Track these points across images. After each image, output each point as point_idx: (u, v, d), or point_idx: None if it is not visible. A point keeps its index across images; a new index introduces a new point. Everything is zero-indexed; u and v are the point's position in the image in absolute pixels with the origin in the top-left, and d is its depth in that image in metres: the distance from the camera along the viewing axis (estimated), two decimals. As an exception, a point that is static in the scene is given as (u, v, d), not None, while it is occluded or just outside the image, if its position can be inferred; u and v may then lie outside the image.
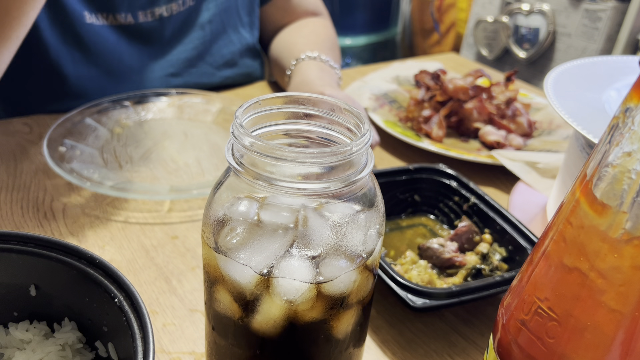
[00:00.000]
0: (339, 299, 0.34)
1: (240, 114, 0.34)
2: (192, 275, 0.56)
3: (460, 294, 0.48)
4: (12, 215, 0.63)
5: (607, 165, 0.25)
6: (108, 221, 0.63)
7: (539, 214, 0.67)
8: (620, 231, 0.24)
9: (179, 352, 0.48)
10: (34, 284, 0.40)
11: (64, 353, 0.39)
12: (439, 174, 0.64)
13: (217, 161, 0.76)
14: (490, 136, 0.82)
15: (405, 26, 2.35)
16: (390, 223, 0.63)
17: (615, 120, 0.25)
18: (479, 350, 0.50)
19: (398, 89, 0.97)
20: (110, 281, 0.37)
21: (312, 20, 1.03)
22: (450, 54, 1.27)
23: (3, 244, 0.38)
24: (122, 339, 0.35)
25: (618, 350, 0.25)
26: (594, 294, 0.25)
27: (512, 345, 0.29)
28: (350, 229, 0.34)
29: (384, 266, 0.50)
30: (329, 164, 0.32)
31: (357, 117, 0.35)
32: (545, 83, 0.64)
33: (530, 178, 0.73)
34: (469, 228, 0.59)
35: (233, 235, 0.34)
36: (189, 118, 0.86)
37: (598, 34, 1.64)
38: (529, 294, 0.28)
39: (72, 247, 0.38)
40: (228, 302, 0.35)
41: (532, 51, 1.83)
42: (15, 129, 0.80)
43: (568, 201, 0.27)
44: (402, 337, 0.51)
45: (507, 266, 0.56)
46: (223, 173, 0.36)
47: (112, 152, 0.76)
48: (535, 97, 0.96)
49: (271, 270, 0.33)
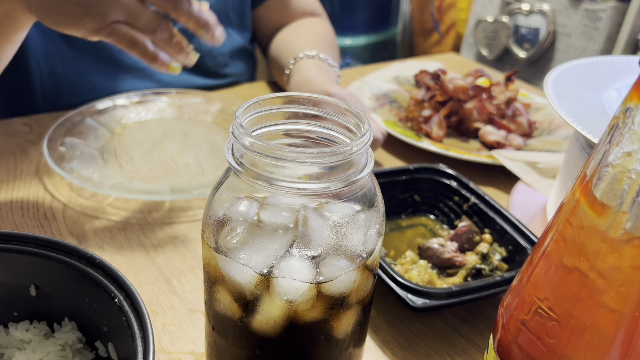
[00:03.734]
0: (339, 299, 0.34)
1: (240, 114, 0.34)
2: (192, 275, 0.56)
3: (460, 294, 0.48)
4: (12, 215, 0.63)
5: (607, 165, 0.25)
6: (108, 221, 0.63)
7: (539, 214, 0.67)
8: (620, 231, 0.24)
9: (179, 352, 0.48)
10: (34, 284, 0.40)
11: (64, 353, 0.39)
12: (439, 174, 0.64)
13: (217, 161, 0.76)
14: (490, 136, 0.82)
15: (405, 26, 2.35)
16: (390, 223, 0.63)
17: (615, 120, 0.25)
18: (479, 350, 0.50)
19: (398, 89, 0.97)
20: (110, 281, 0.37)
21: (309, 20, 1.03)
22: (450, 54, 1.28)
23: (3, 244, 0.38)
24: (122, 339, 0.35)
25: (618, 350, 0.25)
26: (594, 294, 0.25)
27: (512, 345, 0.29)
28: (350, 229, 0.34)
29: (384, 266, 0.50)
30: (329, 164, 0.32)
31: (357, 117, 0.35)
32: (545, 83, 0.64)
33: (530, 178, 0.73)
34: (469, 228, 0.59)
35: (233, 235, 0.34)
36: (189, 118, 0.86)
37: (598, 34, 1.64)
38: (529, 294, 0.28)
39: (72, 247, 0.38)
40: (228, 302, 0.35)
41: (532, 51, 1.83)
42: (15, 129, 0.80)
43: (568, 201, 0.27)
44: (402, 337, 0.51)
45: (507, 266, 0.56)
46: (223, 173, 0.36)
47: (112, 152, 0.76)
48: (535, 97, 0.96)
49: (271, 270, 0.33)
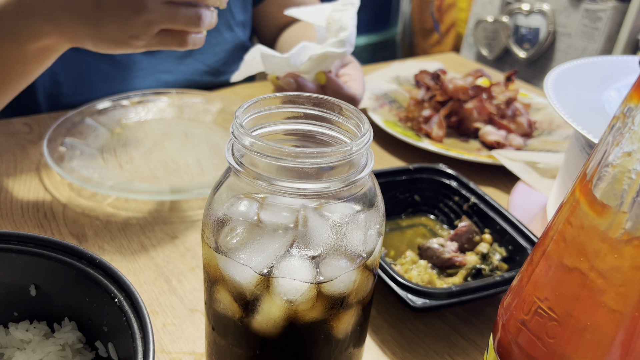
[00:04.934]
0: (339, 299, 0.34)
1: (240, 114, 0.34)
2: (192, 275, 0.56)
3: (460, 294, 0.48)
4: (12, 215, 0.63)
5: (607, 165, 0.25)
6: (108, 221, 0.63)
7: (539, 214, 0.67)
8: (620, 231, 0.24)
9: (179, 352, 0.48)
10: (34, 284, 0.40)
11: (64, 353, 0.39)
12: (439, 174, 0.64)
13: (217, 161, 0.76)
14: (490, 136, 0.82)
15: (405, 26, 2.35)
16: (390, 223, 0.63)
17: (615, 120, 0.25)
18: (479, 350, 0.50)
19: (398, 89, 0.97)
20: (110, 281, 0.37)
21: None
22: (450, 54, 1.28)
23: (3, 244, 0.38)
24: (122, 339, 0.35)
25: (618, 350, 0.25)
26: (594, 294, 0.25)
27: (512, 345, 0.29)
28: (350, 229, 0.34)
29: (384, 266, 0.50)
30: (329, 164, 0.32)
31: (357, 117, 0.35)
32: (545, 83, 0.64)
33: (530, 178, 0.73)
34: (469, 228, 0.59)
35: (233, 235, 0.34)
36: (189, 118, 0.86)
37: (598, 34, 1.64)
38: (529, 294, 0.28)
39: (72, 247, 0.38)
40: (228, 302, 0.35)
41: (532, 51, 1.83)
42: (15, 129, 0.80)
43: (568, 201, 0.27)
44: (402, 337, 0.51)
45: (507, 266, 0.56)
46: (223, 173, 0.36)
47: (112, 152, 0.76)
48: (535, 97, 0.96)
49: (271, 270, 0.33)
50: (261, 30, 1.07)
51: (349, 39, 0.69)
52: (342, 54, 0.69)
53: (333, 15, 0.71)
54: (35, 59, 0.63)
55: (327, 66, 0.72)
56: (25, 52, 0.61)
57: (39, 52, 0.62)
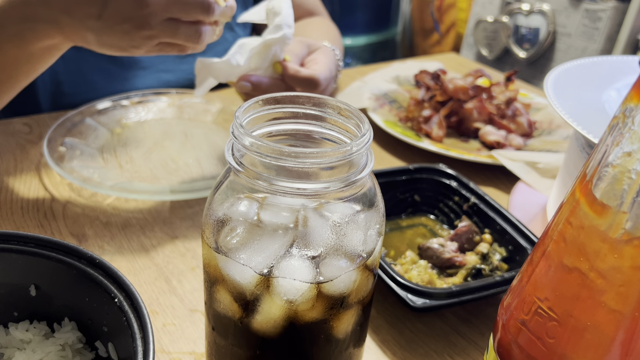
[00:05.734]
0: (339, 299, 0.34)
1: (240, 114, 0.34)
2: (192, 275, 0.56)
3: (460, 294, 0.48)
4: (12, 215, 0.63)
5: (607, 165, 0.25)
6: (108, 221, 0.63)
7: (539, 214, 0.67)
8: (620, 231, 0.24)
9: (179, 352, 0.48)
10: (34, 284, 0.40)
11: (64, 353, 0.39)
12: (439, 174, 0.64)
13: (217, 161, 0.76)
14: (490, 136, 0.82)
15: (405, 26, 2.35)
16: (390, 223, 0.63)
17: (615, 120, 0.25)
18: (479, 350, 0.50)
19: (398, 89, 0.97)
20: (110, 281, 0.37)
21: (315, 19, 1.03)
22: (450, 54, 1.28)
23: (3, 244, 0.38)
24: (122, 339, 0.35)
25: (618, 350, 0.25)
26: (594, 294, 0.25)
27: (512, 345, 0.29)
28: (350, 229, 0.34)
29: (384, 266, 0.50)
30: (329, 164, 0.32)
31: (357, 117, 0.35)
32: (545, 83, 0.64)
33: (530, 178, 0.73)
34: (469, 228, 0.59)
35: (233, 236, 0.34)
36: (189, 118, 0.86)
37: (598, 34, 1.64)
38: (529, 294, 0.28)
39: (72, 247, 0.38)
40: (228, 302, 0.35)
41: (532, 51, 1.83)
42: (15, 129, 0.80)
43: (568, 201, 0.27)
44: (402, 337, 0.51)
45: (507, 266, 0.56)
46: (223, 173, 0.36)
47: (112, 152, 0.76)
48: (535, 97, 0.96)
49: (271, 270, 0.33)
50: (261, 30, 1.07)
51: (285, 22, 0.69)
52: (280, 38, 0.69)
53: (268, 5, 0.72)
54: (42, 57, 0.64)
55: (278, 56, 0.71)
56: (31, 52, 0.62)
57: (45, 51, 0.63)
